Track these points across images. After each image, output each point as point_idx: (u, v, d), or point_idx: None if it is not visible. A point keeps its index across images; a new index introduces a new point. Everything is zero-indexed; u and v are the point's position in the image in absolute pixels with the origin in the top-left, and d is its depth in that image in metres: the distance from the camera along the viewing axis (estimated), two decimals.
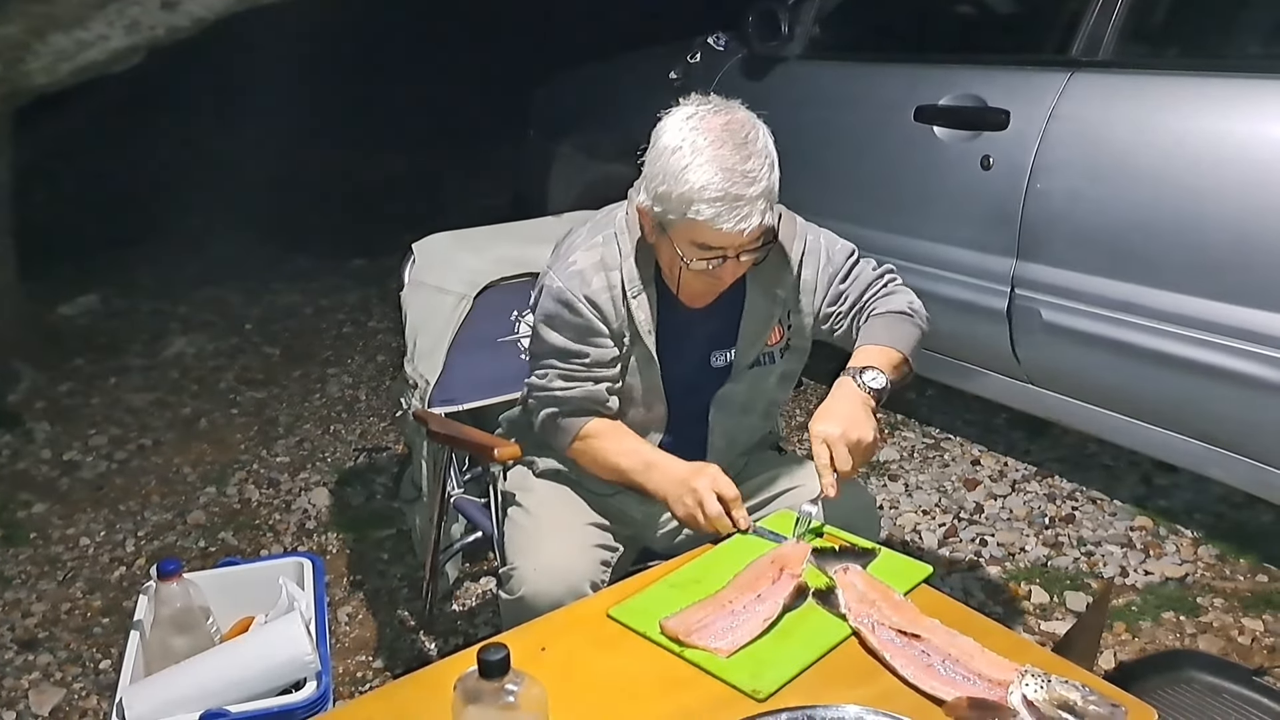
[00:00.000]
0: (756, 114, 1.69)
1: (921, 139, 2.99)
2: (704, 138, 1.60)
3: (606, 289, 1.78)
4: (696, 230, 1.63)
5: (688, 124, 1.63)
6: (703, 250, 1.66)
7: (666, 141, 1.64)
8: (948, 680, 1.30)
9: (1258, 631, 2.48)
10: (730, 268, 1.69)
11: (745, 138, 1.61)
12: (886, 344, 1.80)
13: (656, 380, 1.85)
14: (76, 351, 4.69)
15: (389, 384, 4.20)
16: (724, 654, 1.40)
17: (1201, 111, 2.47)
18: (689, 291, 1.79)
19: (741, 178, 1.59)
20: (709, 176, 1.58)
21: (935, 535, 2.97)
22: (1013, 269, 2.79)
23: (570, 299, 1.78)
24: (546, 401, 1.86)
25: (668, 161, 1.62)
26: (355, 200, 7.03)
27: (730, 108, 1.66)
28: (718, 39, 3.82)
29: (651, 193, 1.67)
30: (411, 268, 2.44)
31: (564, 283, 1.79)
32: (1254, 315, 2.33)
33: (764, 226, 1.64)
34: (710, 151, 1.59)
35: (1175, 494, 3.05)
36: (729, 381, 1.88)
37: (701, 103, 1.67)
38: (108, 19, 3.73)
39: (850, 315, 1.89)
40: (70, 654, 2.70)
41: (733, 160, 1.59)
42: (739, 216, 1.59)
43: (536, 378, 1.88)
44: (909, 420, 3.67)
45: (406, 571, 2.93)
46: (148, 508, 3.39)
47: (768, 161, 1.62)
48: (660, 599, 1.55)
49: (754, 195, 1.60)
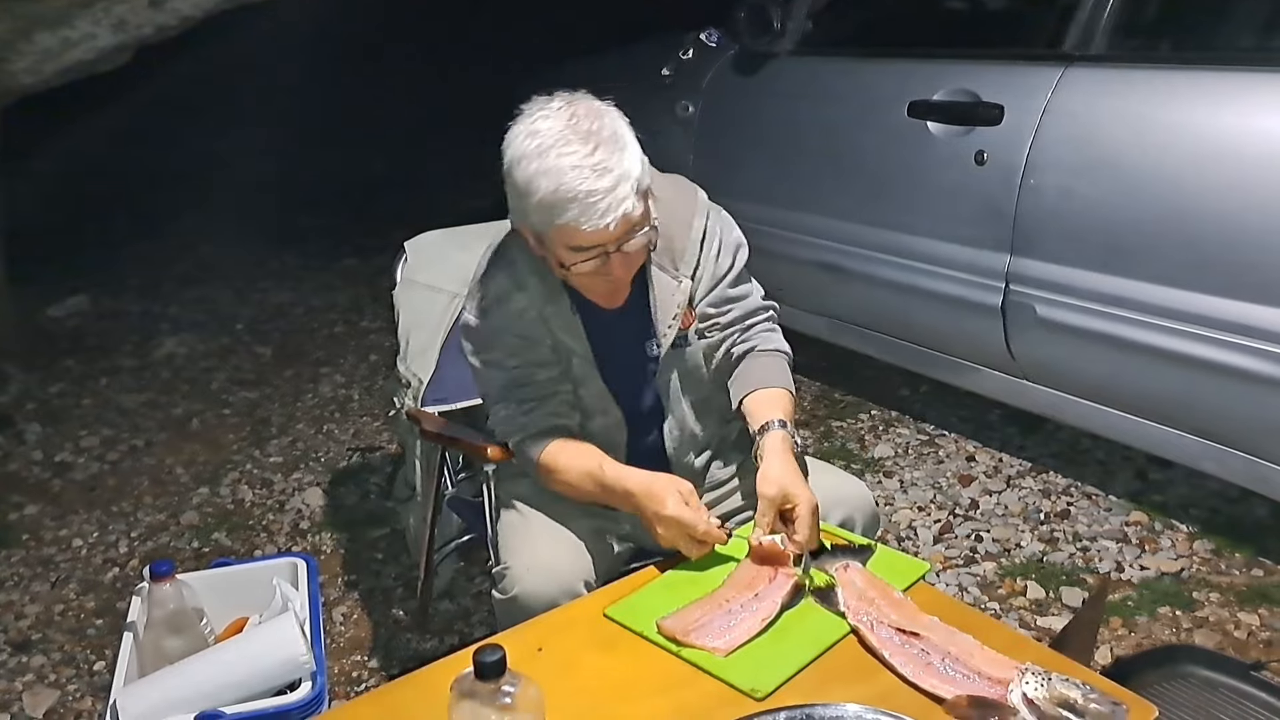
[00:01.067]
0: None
1: (915, 134, 2.99)
2: (548, 139, 1.55)
3: (523, 310, 1.76)
4: (565, 234, 1.58)
5: (530, 128, 1.58)
6: (580, 252, 1.61)
7: (514, 153, 1.59)
8: (947, 679, 1.30)
9: (1254, 625, 2.48)
10: (618, 262, 1.64)
11: (590, 130, 1.56)
12: (786, 387, 1.82)
13: (600, 386, 1.82)
14: (66, 353, 4.67)
15: (382, 383, 4.19)
16: (721, 653, 1.40)
17: (1195, 105, 2.47)
18: (595, 294, 1.74)
19: (591, 171, 1.53)
20: (558, 179, 1.53)
21: (930, 531, 2.96)
22: (1007, 264, 2.79)
23: (496, 328, 1.77)
24: (509, 434, 1.84)
25: (518, 173, 1.58)
26: (346, 199, 7.02)
27: (573, 100, 1.61)
28: (710, 35, 3.81)
29: (516, 209, 1.64)
30: (403, 266, 2.44)
31: (480, 318, 1.79)
32: (1248, 309, 2.34)
33: (630, 217, 1.57)
34: (555, 152, 1.54)
35: (1170, 489, 3.05)
36: (661, 369, 1.85)
37: (543, 104, 1.61)
38: (94, 17, 3.71)
39: (728, 331, 1.88)
40: (64, 656, 2.68)
41: (579, 155, 1.53)
42: (598, 212, 1.54)
43: (494, 417, 1.86)
44: (903, 417, 3.67)
45: (401, 571, 2.92)
46: (140, 509, 3.37)
47: (617, 148, 1.56)
48: (657, 598, 1.54)
49: (608, 186, 1.54)
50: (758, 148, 3.55)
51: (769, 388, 1.81)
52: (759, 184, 3.49)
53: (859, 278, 3.26)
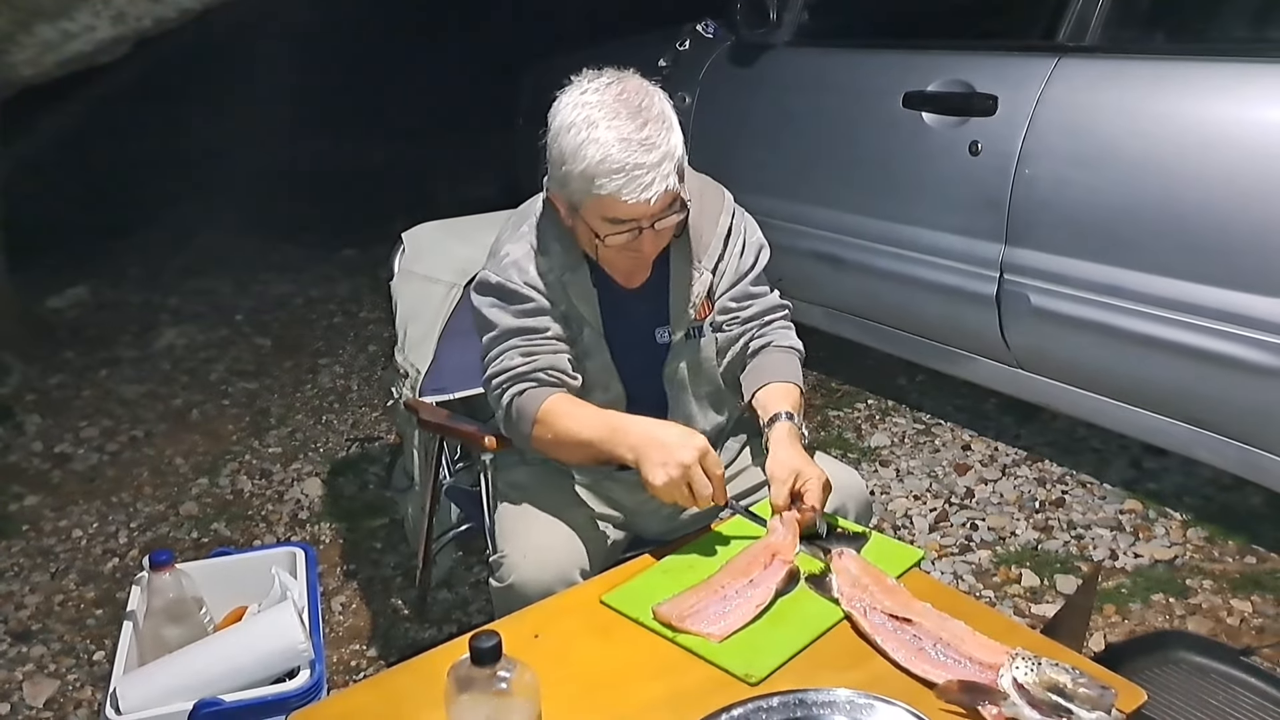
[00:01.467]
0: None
1: (910, 125, 3.00)
2: (597, 111, 1.59)
3: (544, 273, 1.77)
4: (604, 205, 1.61)
5: (580, 100, 1.61)
6: (615, 225, 1.64)
7: (561, 121, 1.62)
8: (939, 664, 1.31)
9: (1246, 612, 2.50)
10: (649, 239, 1.67)
11: (639, 105, 1.60)
12: (796, 382, 1.86)
13: (607, 359, 1.84)
14: (66, 344, 4.68)
15: (380, 374, 4.20)
16: (716, 639, 1.41)
17: (1188, 96, 2.48)
18: (617, 271, 1.77)
19: (639, 146, 1.57)
20: (606, 149, 1.56)
21: (926, 520, 2.98)
22: (1001, 254, 2.80)
23: (512, 288, 1.77)
24: (507, 382, 1.77)
25: (565, 141, 1.60)
26: (345, 190, 7.02)
27: (622, 78, 1.64)
28: (706, 26, 3.82)
29: (556, 176, 1.66)
30: (401, 257, 2.44)
31: (501, 276, 1.78)
32: (1241, 298, 2.35)
33: (671, 192, 1.61)
34: (605, 124, 1.57)
35: (1164, 477, 3.07)
36: (670, 357, 1.87)
37: (593, 77, 1.65)
38: (94, 10, 3.71)
39: (747, 325, 1.91)
40: (64, 645, 2.70)
41: (628, 129, 1.57)
42: (642, 185, 1.57)
43: (494, 366, 1.80)
44: (899, 406, 3.68)
45: (399, 560, 2.94)
46: (140, 499, 3.39)
47: (664, 126, 1.60)
48: (653, 585, 1.56)
49: (654, 162, 1.57)
50: (754, 139, 3.56)
51: (780, 382, 1.85)
52: (755, 175, 3.49)
53: (855, 267, 3.28)
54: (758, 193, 3.58)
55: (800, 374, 1.90)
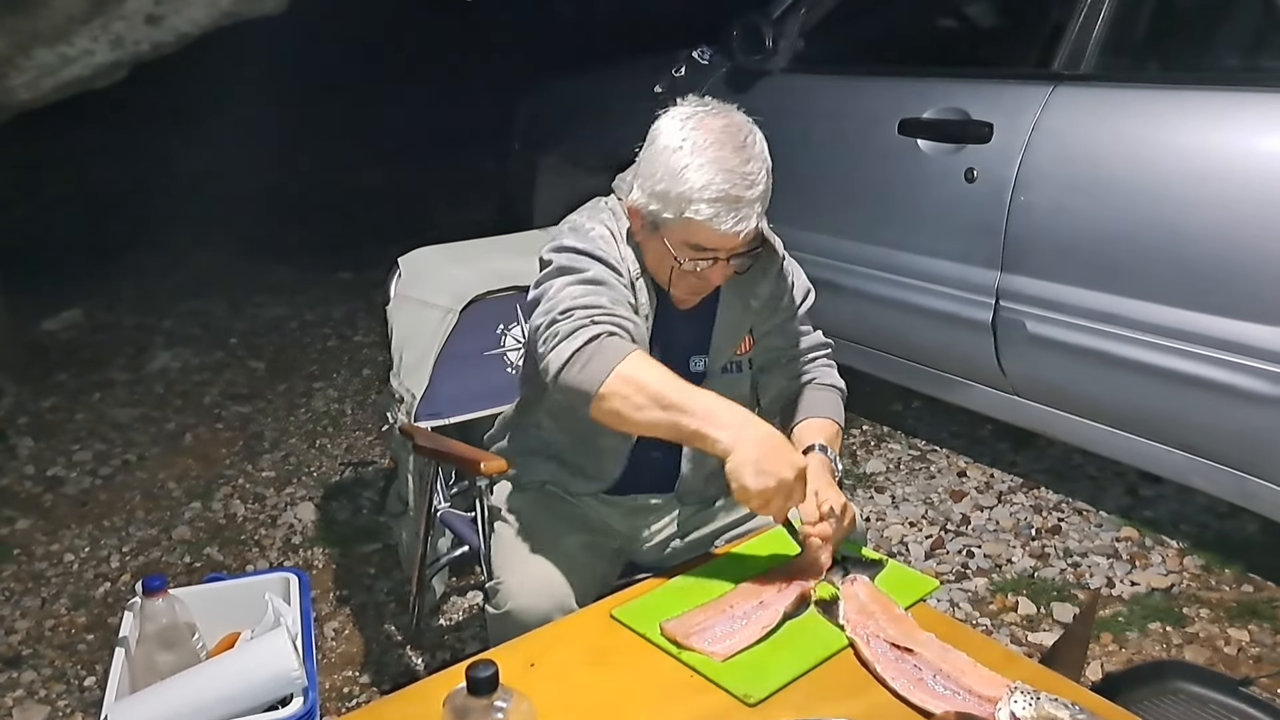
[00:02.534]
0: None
1: (906, 152, 3.01)
2: (704, 138, 1.60)
3: (624, 260, 1.74)
4: (693, 230, 1.61)
5: (687, 124, 1.62)
6: (697, 251, 1.64)
7: (666, 140, 1.62)
8: (938, 695, 1.30)
9: (1243, 641, 2.49)
10: (719, 270, 1.68)
11: (744, 140, 1.61)
12: (835, 419, 1.88)
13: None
14: (60, 366, 4.66)
15: (375, 398, 4.19)
16: (719, 658, 1.41)
17: (1182, 124, 2.50)
18: (679, 289, 1.77)
19: (741, 179, 1.58)
20: (709, 176, 1.57)
21: (922, 547, 2.97)
22: (997, 281, 2.81)
23: (600, 254, 1.70)
24: (590, 321, 1.60)
25: (667, 160, 1.61)
26: (340, 213, 7.02)
27: (727, 110, 1.66)
28: (703, 53, 3.83)
29: (648, 190, 1.65)
30: (397, 282, 2.44)
31: (588, 245, 1.70)
32: (1236, 326, 2.35)
33: (757, 230, 1.63)
34: (711, 152, 1.58)
35: (1160, 505, 3.06)
36: (702, 387, 1.86)
37: (699, 104, 1.66)
38: (92, 34, 3.72)
39: (790, 365, 1.94)
40: (55, 671, 2.67)
41: (733, 162, 1.58)
42: (737, 218, 1.58)
43: (574, 302, 1.63)
44: (895, 432, 3.68)
45: (393, 586, 2.92)
46: (132, 523, 3.37)
47: (765, 166, 1.62)
48: (664, 602, 1.56)
49: (752, 198, 1.59)
50: None
51: (819, 418, 1.87)
52: None
53: (851, 293, 3.28)
54: None
55: (841, 412, 1.92)
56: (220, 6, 3.85)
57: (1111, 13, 2.67)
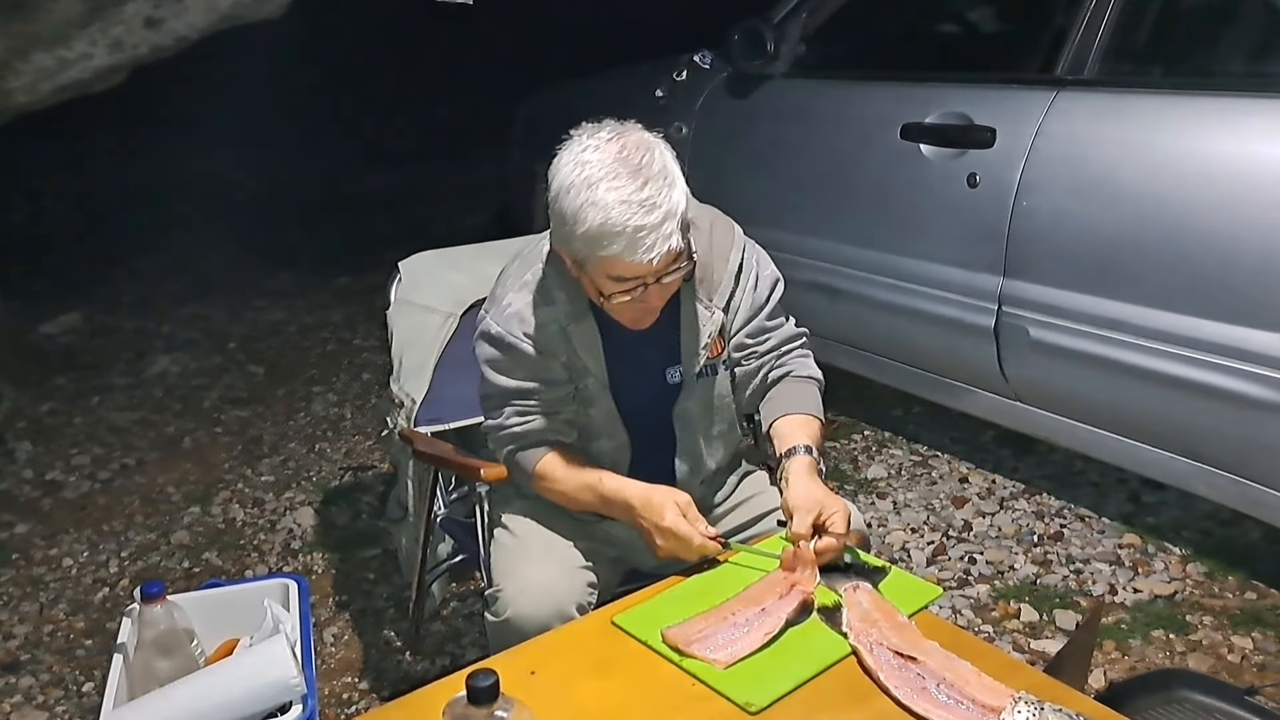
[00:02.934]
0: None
1: (908, 157, 3.00)
2: (597, 171, 1.55)
3: (546, 324, 1.76)
4: (607, 265, 1.59)
5: (580, 158, 1.58)
6: (620, 282, 1.62)
7: (561, 181, 1.58)
8: (941, 704, 1.29)
9: (1247, 649, 2.48)
10: (654, 292, 1.65)
11: (639, 163, 1.56)
12: (814, 414, 1.86)
13: (611, 407, 1.82)
14: (59, 370, 4.66)
15: (374, 402, 4.18)
16: (721, 665, 1.40)
17: (1185, 129, 2.49)
18: (625, 318, 1.74)
19: (639, 208, 1.53)
20: (607, 212, 1.53)
21: (924, 553, 2.96)
22: (1000, 286, 2.80)
23: (512, 341, 1.76)
24: (504, 440, 1.84)
25: (565, 203, 1.57)
26: (340, 218, 7.03)
27: (623, 132, 1.61)
28: (703, 57, 3.83)
29: (559, 235, 1.64)
30: (398, 286, 2.43)
31: (502, 326, 1.77)
32: (1239, 332, 2.34)
33: (674, 251, 1.58)
34: (605, 185, 1.54)
35: (1163, 511, 3.05)
36: (682, 396, 1.86)
37: (592, 132, 1.61)
38: (90, 38, 3.72)
39: (765, 359, 1.90)
40: (53, 677, 2.66)
41: (629, 190, 1.53)
42: (645, 247, 1.54)
43: (491, 420, 1.86)
44: (896, 438, 3.67)
45: (393, 592, 2.91)
46: (131, 528, 3.36)
47: (666, 183, 1.57)
48: (666, 609, 1.55)
49: (655, 222, 1.54)
50: (751, 169, 3.56)
51: (798, 413, 1.84)
52: (752, 205, 3.46)
53: (853, 299, 3.27)
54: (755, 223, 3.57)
55: (820, 404, 1.90)
56: (219, 10, 3.85)
57: (1114, 18, 2.66)
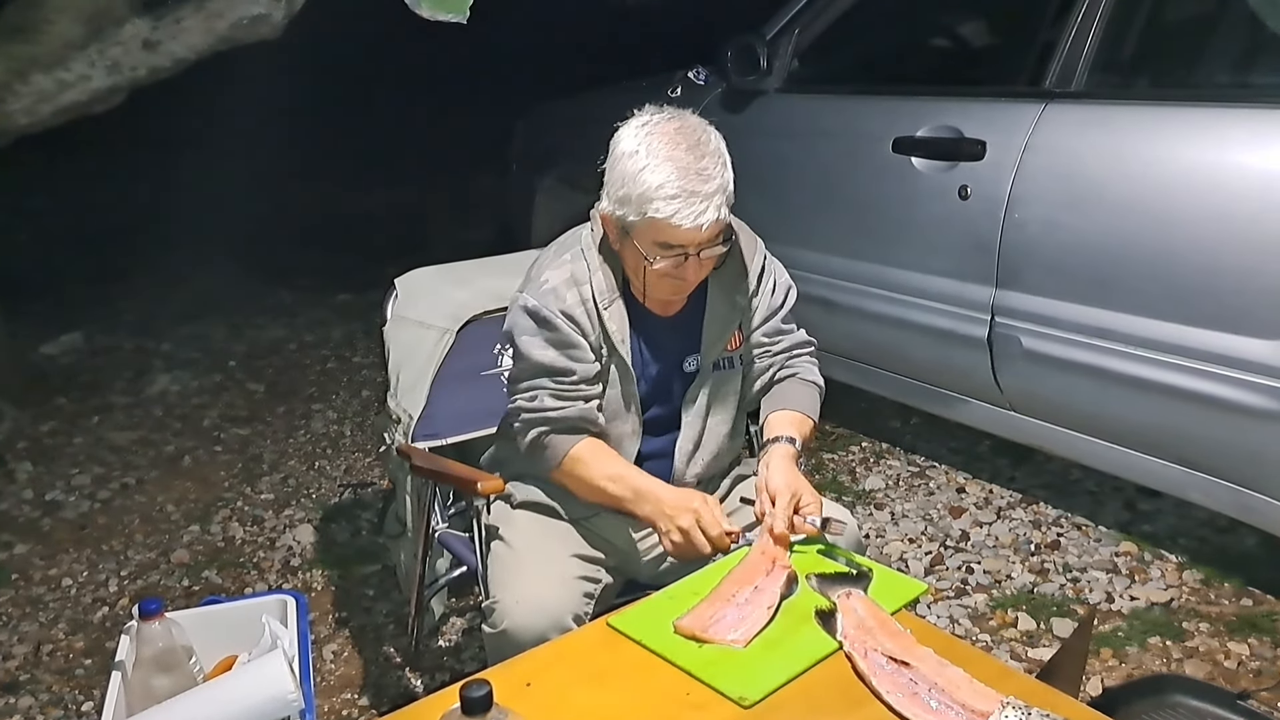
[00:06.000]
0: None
1: (900, 170, 3.02)
2: (659, 141, 1.69)
3: (580, 303, 1.83)
4: (657, 228, 1.69)
5: (643, 130, 1.71)
6: (665, 249, 1.71)
7: (624, 148, 1.72)
8: (931, 710, 1.30)
9: (1243, 655, 2.48)
10: (693, 266, 1.75)
11: (698, 140, 1.70)
12: (808, 413, 1.96)
13: (632, 389, 1.89)
14: (59, 390, 4.67)
15: (373, 419, 4.19)
16: (740, 644, 1.46)
17: (1173, 140, 2.51)
18: (656, 297, 1.85)
19: (696, 175, 1.66)
20: (665, 175, 1.66)
21: (922, 563, 2.97)
22: (992, 297, 2.81)
23: (547, 315, 1.82)
24: (536, 422, 1.86)
25: (626, 165, 1.70)
26: (339, 235, 7.03)
27: (682, 115, 1.75)
28: (698, 73, 3.85)
29: (613, 197, 1.74)
30: (394, 302, 2.45)
31: (539, 301, 1.83)
32: (1231, 340, 2.36)
33: (721, 223, 1.70)
34: (665, 152, 1.67)
35: (1159, 519, 3.06)
36: (695, 385, 1.93)
37: (655, 111, 1.75)
38: (89, 59, 3.74)
39: (776, 359, 2.00)
40: (52, 696, 2.67)
41: (687, 160, 1.66)
42: (696, 212, 1.66)
43: (524, 400, 1.88)
44: (894, 449, 3.68)
45: (392, 608, 2.92)
46: (131, 547, 3.36)
47: (721, 161, 1.70)
48: (659, 609, 1.58)
49: (709, 191, 1.67)
50: (745, 184, 3.52)
51: (793, 410, 1.94)
52: (748, 220, 3.50)
53: (847, 311, 3.28)
54: None
55: (816, 407, 1.99)
56: (217, 32, 3.87)
57: (1102, 31, 2.68)
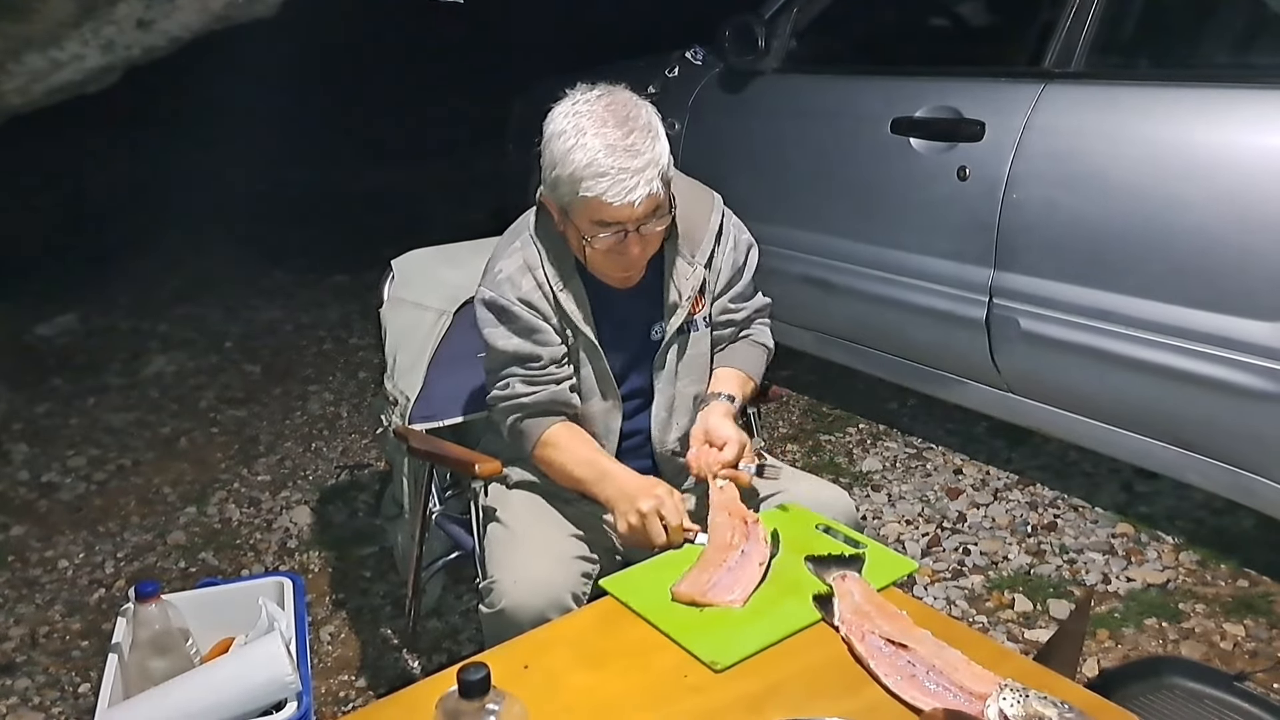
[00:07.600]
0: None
1: (898, 150, 3.01)
2: (587, 119, 1.68)
3: (536, 287, 1.85)
4: (590, 207, 1.69)
5: (572, 110, 1.71)
6: (602, 227, 1.72)
7: (554, 128, 1.72)
8: (928, 691, 1.30)
9: (1239, 636, 2.49)
10: (635, 243, 1.75)
11: (627, 115, 1.69)
12: (750, 373, 2.02)
13: (604, 366, 1.90)
14: (54, 371, 4.66)
15: (370, 401, 4.18)
16: (739, 604, 1.52)
17: (1172, 121, 2.50)
18: (610, 274, 1.85)
19: (625, 151, 1.66)
20: (593, 154, 1.66)
21: (919, 545, 2.97)
22: (990, 278, 2.81)
23: (505, 304, 1.85)
24: (511, 409, 1.90)
25: (555, 146, 1.70)
26: (336, 216, 7.02)
27: (612, 91, 1.74)
28: (695, 53, 3.84)
29: (548, 180, 1.75)
30: (391, 284, 2.44)
31: (495, 291, 1.86)
32: (1229, 322, 2.36)
33: (656, 198, 1.70)
34: (593, 130, 1.67)
35: (1156, 500, 3.06)
36: (662, 349, 1.94)
37: (584, 89, 1.74)
38: (83, 39, 3.71)
39: (739, 324, 2.05)
40: (48, 678, 2.67)
41: (614, 137, 1.66)
42: (627, 188, 1.66)
43: (498, 390, 1.92)
44: (891, 430, 3.68)
45: (389, 589, 2.92)
46: (127, 529, 3.36)
47: (650, 135, 1.69)
48: (650, 574, 1.63)
49: (638, 167, 1.66)
50: (743, 164, 3.57)
51: (736, 369, 2.01)
52: (744, 200, 3.45)
53: (845, 292, 3.28)
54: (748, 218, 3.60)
55: (760, 368, 2.06)
56: (211, 10, 3.84)
57: (1101, 11, 2.67)
